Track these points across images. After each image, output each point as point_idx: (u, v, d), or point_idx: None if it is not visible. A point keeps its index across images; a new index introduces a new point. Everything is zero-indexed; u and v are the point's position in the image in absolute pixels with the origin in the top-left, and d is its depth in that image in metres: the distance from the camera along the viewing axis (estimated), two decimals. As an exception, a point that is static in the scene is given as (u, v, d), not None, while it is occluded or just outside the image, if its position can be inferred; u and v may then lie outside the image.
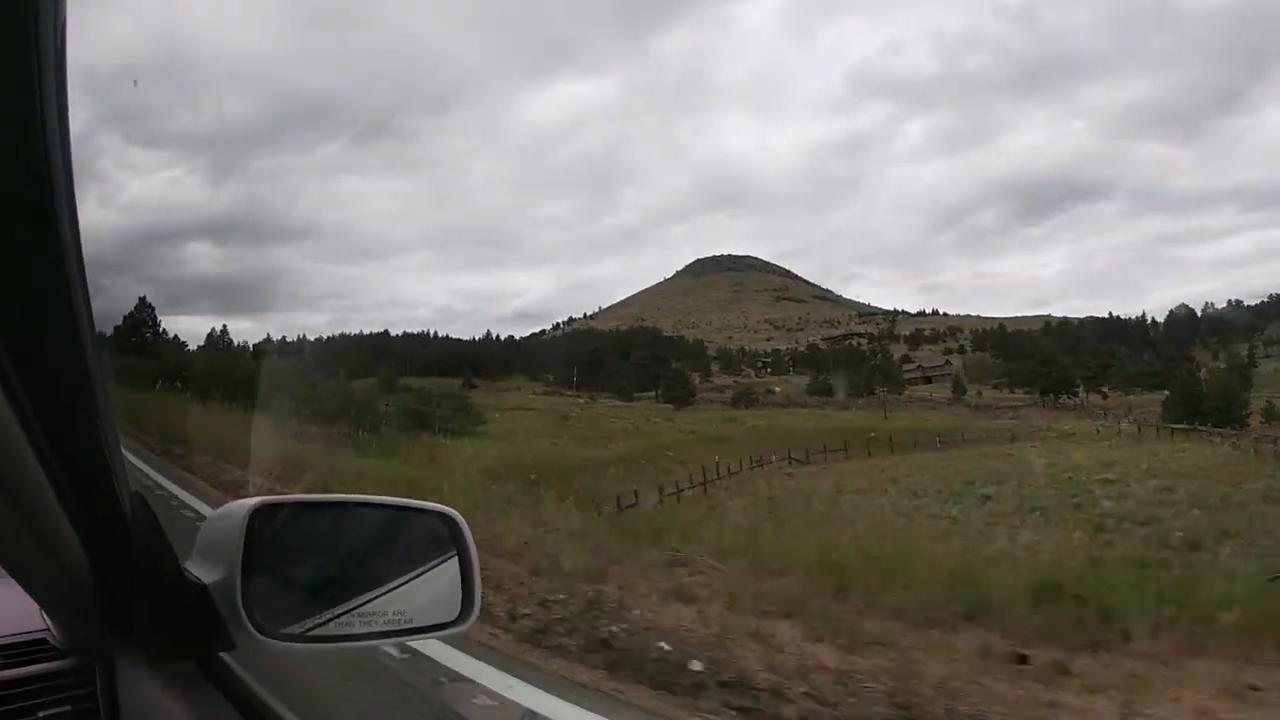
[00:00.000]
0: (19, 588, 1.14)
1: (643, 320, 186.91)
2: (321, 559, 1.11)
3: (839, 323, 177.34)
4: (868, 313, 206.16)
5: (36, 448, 0.72)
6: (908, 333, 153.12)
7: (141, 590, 0.99)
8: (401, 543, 1.18)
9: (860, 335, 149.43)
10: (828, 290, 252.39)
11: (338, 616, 1.05)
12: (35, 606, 1.18)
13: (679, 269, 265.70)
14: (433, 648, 4.13)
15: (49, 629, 1.17)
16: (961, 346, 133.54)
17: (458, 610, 1.14)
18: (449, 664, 4.11)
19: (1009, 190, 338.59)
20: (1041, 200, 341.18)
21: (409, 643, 1.13)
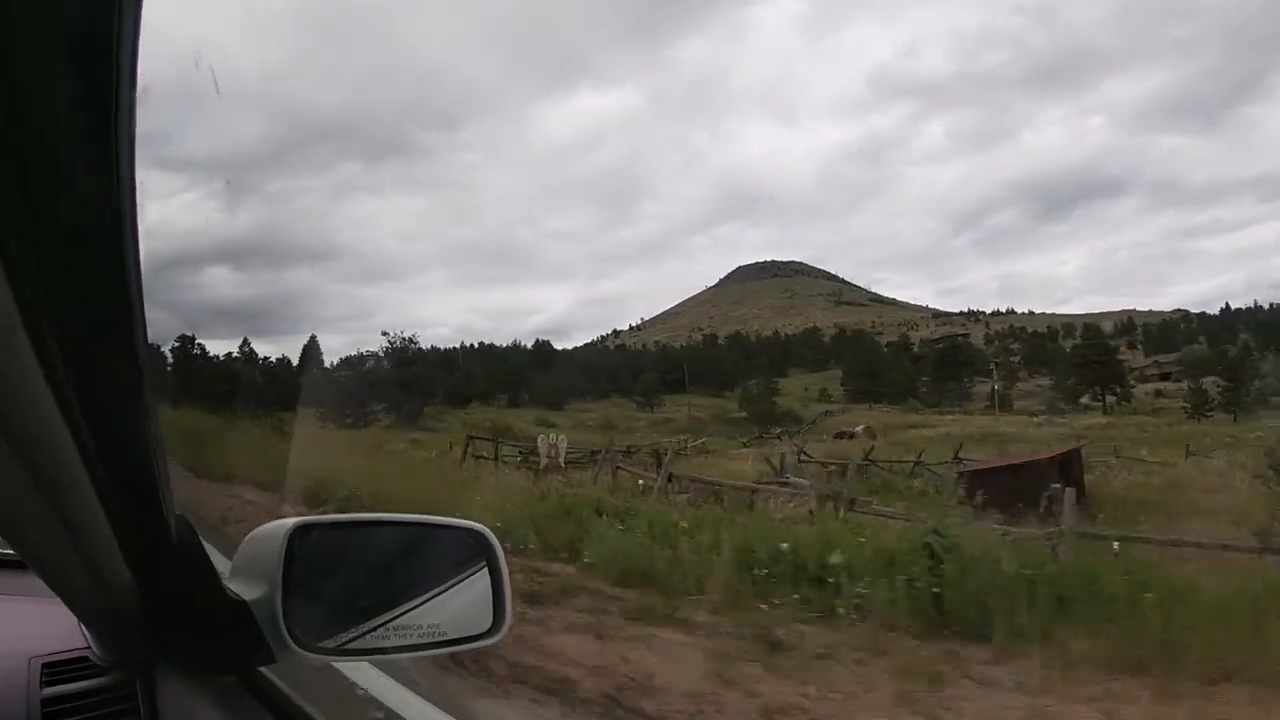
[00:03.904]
0: (60, 606, 1.19)
1: (699, 329, 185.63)
2: (356, 575, 1.15)
3: (916, 325, 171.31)
4: (941, 314, 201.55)
5: (89, 467, 0.74)
6: (996, 329, 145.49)
7: (183, 607, 1.03)
8: (433, 558, 1.21)
9: (961, 336, 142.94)
10: (878, 293, 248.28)
11: (373, 630, 1.08)
12: (77, 625, 1.22)
13: (722, 276, 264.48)
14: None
15: (90, 646, 1.21)
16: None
17: (490, 622, 1.17)
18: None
19: (1028, 189, 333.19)
20: (1061, 199, 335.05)
21: (438, 655, 1.15)
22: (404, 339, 67.98)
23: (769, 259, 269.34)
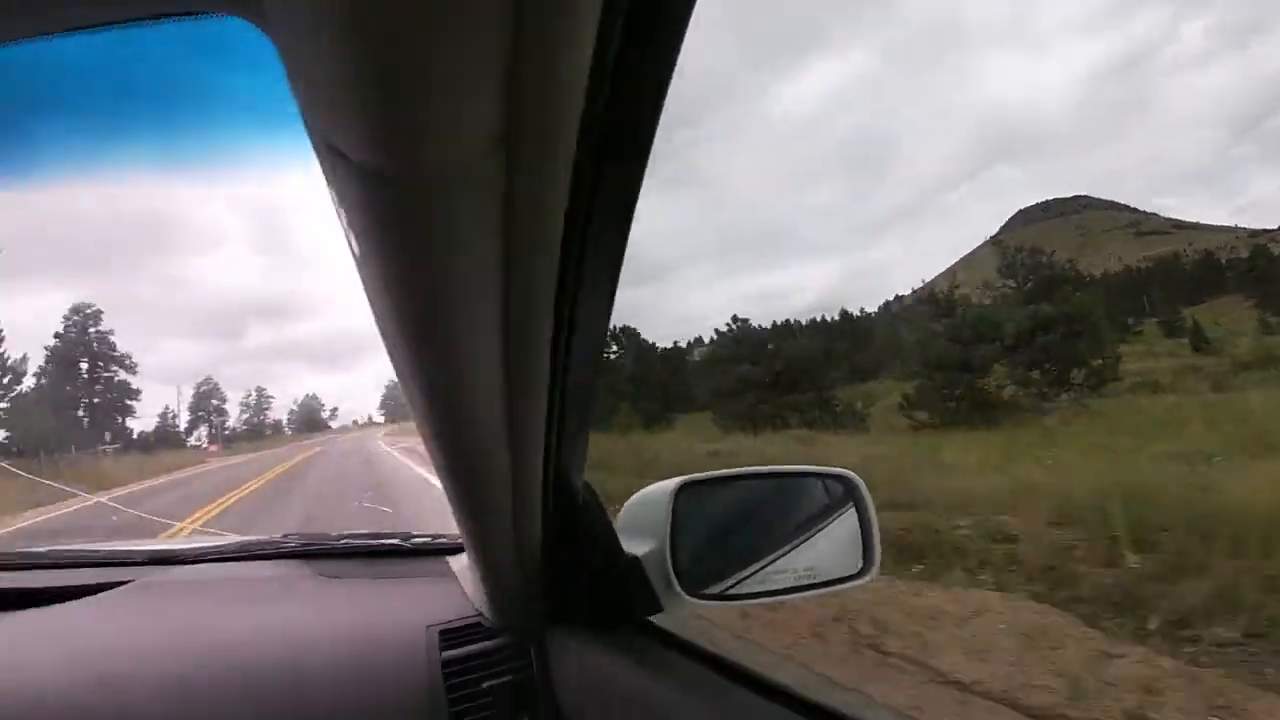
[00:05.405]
0: (446, 584, 1.38)
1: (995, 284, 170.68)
2: (733, 525, 1.23)
3: (1235, 248, 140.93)
4: (1259, 233, 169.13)
5: (546, 450, 0.85)
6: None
7: (580, 567, 1.15)
8: (803, 504, 1.26)
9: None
10: (1178, 219, 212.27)
11: (751, 575, 1.15)
12: (462, 599, 1.40)
13: (1002, 224, 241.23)
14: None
15: (481, 614, 1.37)
16: None
17: (859, 563, 1.19)
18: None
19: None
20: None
21: (814, 597, 1.19)
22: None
23: (1048, 198, 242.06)
